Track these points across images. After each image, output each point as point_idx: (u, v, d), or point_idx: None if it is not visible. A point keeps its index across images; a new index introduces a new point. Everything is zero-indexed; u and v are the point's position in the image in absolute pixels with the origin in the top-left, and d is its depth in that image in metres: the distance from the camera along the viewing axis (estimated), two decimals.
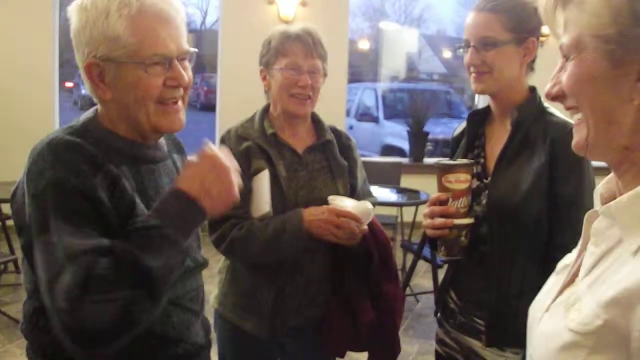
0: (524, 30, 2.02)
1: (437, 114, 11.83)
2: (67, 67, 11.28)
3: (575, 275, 1.18)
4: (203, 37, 22.35)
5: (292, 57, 2.37)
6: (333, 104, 7.26)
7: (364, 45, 20.63)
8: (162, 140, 1.77)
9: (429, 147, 9.75)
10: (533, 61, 2.09)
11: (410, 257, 5.60)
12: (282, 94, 2.39)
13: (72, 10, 1.57)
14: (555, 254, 1.41)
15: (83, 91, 19.25)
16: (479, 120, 2.22)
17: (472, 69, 2.07)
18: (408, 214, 6.48)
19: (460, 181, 2.01)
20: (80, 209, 1.44)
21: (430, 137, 9.34)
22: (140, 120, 1.60)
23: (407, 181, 7.17)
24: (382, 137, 13.06)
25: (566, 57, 1.11)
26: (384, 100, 14.59)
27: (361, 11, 21.63)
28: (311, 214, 2.27)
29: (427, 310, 5.67)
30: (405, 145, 10.64)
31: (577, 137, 1.14)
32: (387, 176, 6.88)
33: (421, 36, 23.65)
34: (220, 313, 2.50)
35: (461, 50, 2.10)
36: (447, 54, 23.07)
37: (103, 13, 1.51)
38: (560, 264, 1.27)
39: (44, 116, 7.53)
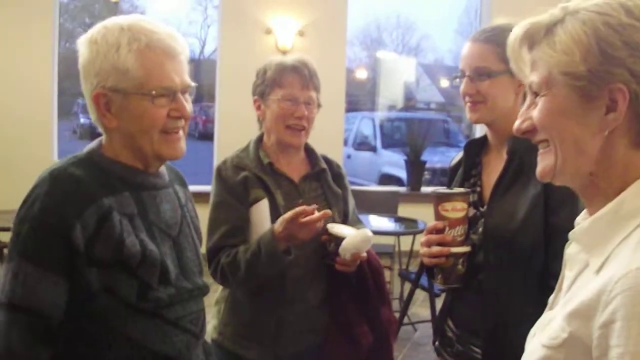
0: None
1: (434, 142, 11.85)
2: (65, 97, 11.31)
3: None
4: (201, 66, 22.42)
5: (289, 88, 2.40)
6: (331, 133, 7.31)
7: (361, 74, 20.71)
8: (163, 169, 1.84)
9: (427, 175, 9.76)
10: None
11: (407, 286, 5.59)
12: (278, 124, 2.42)
13: (82, 43, 1.66)
14: (550, 282, 1.43)
15: (82, 120, 19.31)
16: (476, 149, 2.24)
17: (467, 99, 2.09)
18: (405, 243, 6.47)
19: (457, 209, 2.02)
20: (49, 252, 1.55)
21: (427, 165, 9.35)
22: (144, 148, 1.68)
23: (404, 210, 7.16)
24: (380, 166, 13.08)
25: (536, 94, 1.20)
26: (381, 129, 14.64)
27: (359, 40, 21.78)
28: (277, 227, 2.26)
29: (425, 339, 5.64)
30: (402, 174, 10.63)
31: (543, 165, 1.23)
32: (384, 205, 6.88)
33: (418, 65, 23.75)
34: (219, 342, 2.49)
35: (457, 80, 2.12)
36: (444, 83, 23.11)
37: (114, 46, 1.61)
38: (552, 297, 1.32)
39: (43, 145, 7.56)
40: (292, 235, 2.25)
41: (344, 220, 2.53)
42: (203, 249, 2.06)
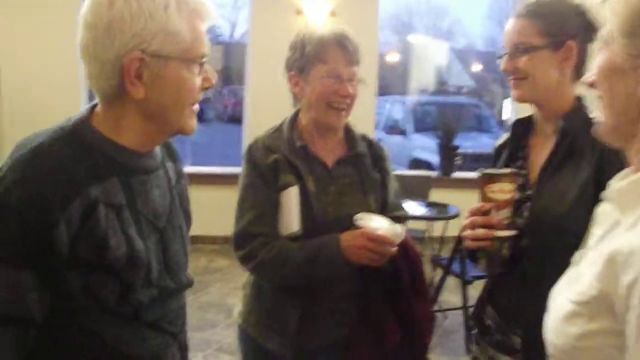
0: (561, 34, 1.95)
1: (466, 127, 11.72)
2: None
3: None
4: (231, 49, 22.42)
5: (333, 64, 2.25)
6: (362, 117, 7.16)
7: (392, 58, 20.60)
8: (157, 149, 1.65)
9: (458, 161, 9.64)
10: (578, 68, 2.00)
11: (439, 272, 5.52)
12: (319, 103, 2.28)
13: None
14: None
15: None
16: (523, 130, 2.15)
17: (509, 76, 2.02)
18: (437, 229, 6.41)
19: (504, 191, 1.93)
20: (27, 247, 1.34)
21: (459, 151, 9.25)
22: (170, 122, 1.52)
23: (436, 195, 7.11)
24: (411, 151, 12.95)
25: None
26: (412, 114, 14.51)
27: (390, 25, 21.65)
28: (346, 240, 2.17)
29: (456, 326, 5.59)
30: (433, 159, 10.55)
31: (597, 125, 1.28)
32: (416, 190, 6.81)
33: (450, 50, 23.58)
34: (243, 329, 2.42)
35: (500, 59, 2.05)
36: (476, 67, 22.97)
37: (161, 5, 1.41)
38: (576, 254, 1.37)
39: None
40: (354, 253, 2.17)
41: (382, 208, 2.39)
42: (224, 232, 1.99)
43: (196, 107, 1.56)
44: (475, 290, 5.57)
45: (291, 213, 2.23)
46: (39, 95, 7.47)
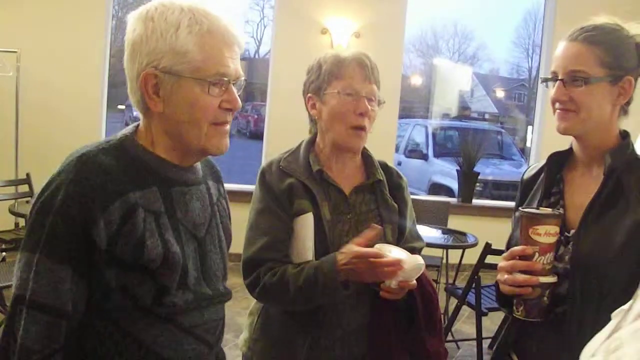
0: (621, 67, 1.83)
1: (487, 154, 11.63)
2: (121, 89, 11.45)
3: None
4: (255, 66, 22.49)
5: (349, 80, 2.18)
6: (383, 139, 7.16)
7: (416, 80, 20.58)
8: (198, 165, 1.75)
9: (478, 187, 9.55)
10: (627, 103, 1.89)
11: (453, 302, 5.41)
12: (337, 123, 2.20)
13: (136, 19, 1.58)
14: None
15: (135, 113, 19.48)
16: (559, 164, 2.02)
17: (557, 105, 1.88)
18: (453, 256, 6.31)
19: (550, 234, 1.81)
20: (72, 248, 1.46)
21: (480, 177, 9.14)
22: (190, 139, 1.60)
23: (454, 222, 7.01)
24: (430, 175, 12.89)
25: None
26: (434, 138, 14.44)
27: (415, 47, 21.62)
28: (342, 259, 2.05)
29: (468, 358, 5.50)
30: (453, 185, 10.48)
31: None
32: (434, 215, 6.73)
33: (474, 75, 23.52)
34: (248, 357, 2.33)
35: (546, 84, 1.93)
36: (499, 93, 22.87)
37: (173, 26, 1.53)
38: (619, 309, 1.22)
39: (91, 136, 7.50)
40: (355, 272, 2.04)
41: (399, 238, 2.29)
42: (236, 250, 1.93)
43: (226, 127, 1.64)
44: (491, 321, 5.50)
45: (305, 241, 2.15)
46: (58, 109, 7.55)
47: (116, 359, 1.55)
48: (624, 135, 1.91)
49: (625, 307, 1.22)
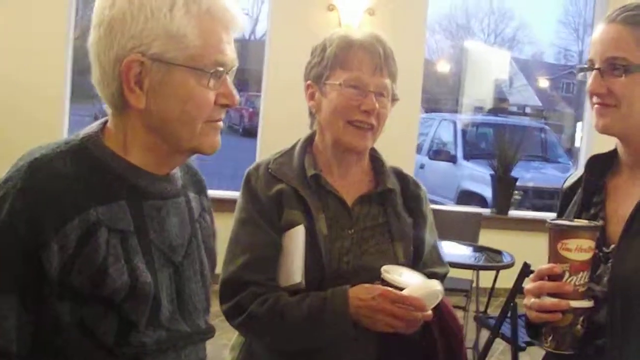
0: None
1: (528, 155, 11.68)
2: (86, 77, 11.55)
3: None
4: (249, 48, 22.53)
5: (355, 70, 2.17)
6: (401, 138, 7.17)
7: (443, 67, 20.64)
8: (177, 173, 1.72)
9: (517, 196, 9.58)
10: None
11: (485, 334, 5.42)
12: (337, 119, 2.19)
13: None
14: None
15: (104, 105, 19.56)
16: (601, 169, 2.04)
17: (594, 99, 1.90)
18: (486, 279, 6.33)
19: (583, 250, 1.82)
20: (14, 273, 1.42)
21: (518, 184, 9.19)
22: (180, 139, 1.58)
23: (487, 237, 7.05)
24: (460, 181, 12.97)
25: None
26: (464, 136, 14.47)
27: (442, 27, 21.69)
28: (359, 298, 2.05)
29: None
30: (487, 193, 10.52)
31: None
32: (462, 230, 6.75)
33: (513, 60, 23.57)
34: None
35: (582, 74, 1.96)
36: (543, 83, 22.92)
37: (166, 4, 1.49)
38: None
39: (54, 130, 7.59)
40: (369, 317, 2.05)
41: (415, 261, 2.28)
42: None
43: (220, 123, 1.62)
44: (530, 357, 5.50)
45: (294, 260, 2.14)
46: (12, 102, 7.58)
47: None
48: None
49: None
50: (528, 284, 1.92)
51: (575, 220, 1.96)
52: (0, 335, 1.41)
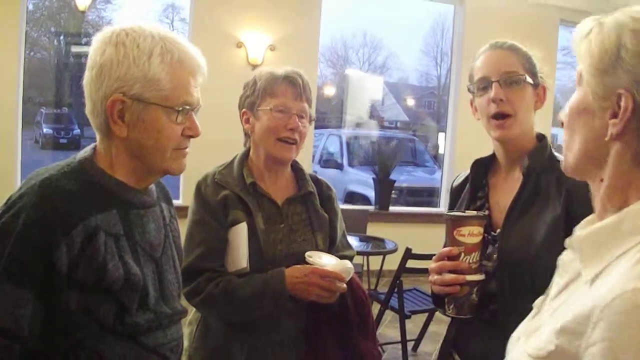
0: (536, 75, 2.01)
1: (402, 162, 11.85)
2: (29, 105, 11.20)
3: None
4: None
5: (281, 98, 2.29)
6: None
7: (329, 91, 20.72)
8: (152, 187, 1.80)
9: (394, 195, 9.75)
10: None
11: (376, 307, 5.54)
12: (268, 137, 2.31)
13: (105, 42, 1.59)
14: None
15: (45, 129, 18.98)
16: (483, 169, 2.15)
17: (492, 109, 1.98)
18: (374, 263, 6.46)
19: (474, 235, 1.93)
20: (31, 271, 1.47)
21: (395, 185, 9.36)
22: (154, 162, 1.66)
23: (373, 229, 7.18)
24: (346, 184, 12.98)
25: None
26: (348, 147, 14.56)
27: (325, 58, 21.76)
28: (294, 276, 2.19)
29: None
30: (369, 193, 10.63)
31: (562, 164, 1.27)
32: (353, 224, 6.80)
33: (384, 84, 23.79)
34: None
35: (475, 93, 2.04)
36: (410, 102, 23.23)
37: (145, 54, 1.57)
38: (539, 298, 1.34)
39: (6, 155, 7.37)
40: (303, 289, 2.18)
41: (330, 247, 2.42)
42: None
43: (186, 150, 1.71)
44: (413, 324, 5.65)
45: (240, 249, 2.24)
46: None
47: None
48: (541, 137, 2.05)
49: (543, 295, 1.33)
50: (431, 264, 1.99)
51: (466, 211, 2.05)
52: (14, 321, 1.45)
